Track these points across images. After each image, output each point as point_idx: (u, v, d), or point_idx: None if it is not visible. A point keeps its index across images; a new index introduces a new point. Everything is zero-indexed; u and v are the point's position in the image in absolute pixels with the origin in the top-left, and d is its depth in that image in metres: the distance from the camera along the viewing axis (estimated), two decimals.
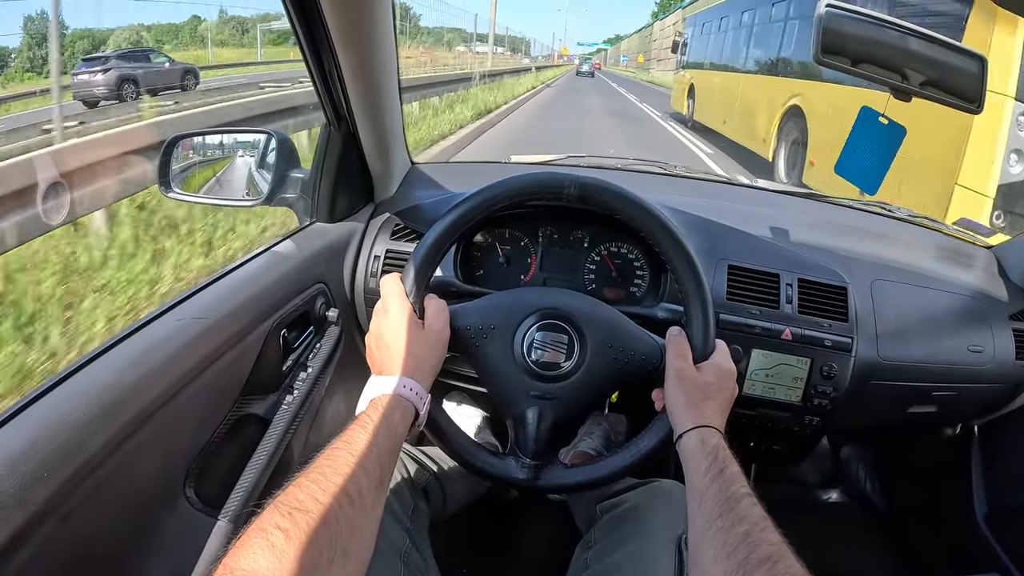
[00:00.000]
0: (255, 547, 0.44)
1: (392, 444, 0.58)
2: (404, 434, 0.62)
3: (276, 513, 0.46)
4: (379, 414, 0.59)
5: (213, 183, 1.03)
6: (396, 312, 0.68)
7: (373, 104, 0.96)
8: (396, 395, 0.62)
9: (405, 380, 0.63)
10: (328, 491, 0.49)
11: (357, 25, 0.82)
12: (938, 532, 1.24)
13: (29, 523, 0.50)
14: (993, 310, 1.02)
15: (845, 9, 0.84)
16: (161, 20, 28.48)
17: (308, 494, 0.48)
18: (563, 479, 0.74)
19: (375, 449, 0.55)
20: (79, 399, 0.58)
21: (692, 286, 0.72)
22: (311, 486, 0.49)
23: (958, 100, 0.88)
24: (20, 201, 2.63)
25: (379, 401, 0.61)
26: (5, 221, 2.57)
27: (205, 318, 0.74)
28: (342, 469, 0.52)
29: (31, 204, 2.65)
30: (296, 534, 0.45)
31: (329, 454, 0.53)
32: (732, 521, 0.54)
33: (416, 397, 0.63)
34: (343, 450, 0.54)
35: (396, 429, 0.60)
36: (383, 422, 0.58)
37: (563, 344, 0.73)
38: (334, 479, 0.50)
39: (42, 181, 2.68)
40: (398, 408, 0.61)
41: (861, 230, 1.16)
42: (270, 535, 0.44)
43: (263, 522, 0.46)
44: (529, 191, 0.75)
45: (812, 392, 0.95)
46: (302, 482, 0.50)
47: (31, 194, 2.66)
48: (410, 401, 0.63)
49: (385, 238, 1.06)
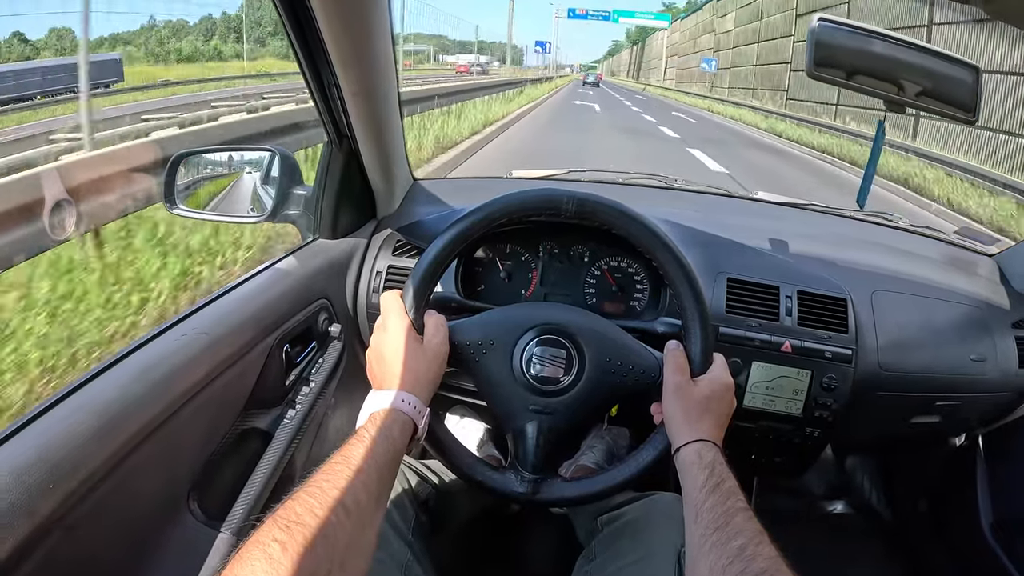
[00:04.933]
0: (253, 560, 0.44)
1: (391, 458, 0.59)
2: (403, 448, 0.62)
3: (274, 527, 0.47)
4: (377, 428, 0.60)
5: (217, 200, 1.05)
6: (395, 328, 0.69)
7: (374, 122, 0.97)
8: (394, 409, 0.63)
9: (403, 394, 0.64)
10: (326, 505, 0.50)
11: (356, 45, 0.84)
12: (944, 542, 1.23)
13: (34, 534, 0.51)
14: (995, 319, 1.01)
15: (838, 23, 0.85)
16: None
17: (306, 508, 0.49)
18: (562, 493, 0.74)
19: (373, 463, 0.56)
20: (84, 413, 0.59)
21: (690, 301, 0.73)
22: (309, 500, 0.50)
23: (953, 110, 0.89)
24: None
25: (378, 415, 0.62)
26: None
27: (208, 333, 0.75)
28: (340, 483, 0.52)
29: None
30: (293, 547, 0.45)
31: (328, 468, 0.54)
32: (728, 535, 0.54)
33: (414, 411, 0.64)
34: (341, 464, 0.54)
35: (395, 443, 0.60)
36: (381, 436, 0.59)
37: (562, 359, 0.74)
38: (332, 493, 0.51)
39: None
40: (396, 422, 0.62)
41: (861, 241, 1.16)
42: (268, 548, 0.45)
43: (261, 535, 0.46)
44: (527, 208, 0.75)
45: (813, 404, 0.95)
46: (300, 496, 0.50)
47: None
48: (408, 415, 0.63)
49: (387, 254, 1.08)
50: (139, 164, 3.07)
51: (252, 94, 12.43)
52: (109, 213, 2.91)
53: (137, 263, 2.89)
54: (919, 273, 1.06)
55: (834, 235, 1.17)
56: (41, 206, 2.48)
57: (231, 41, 29.93)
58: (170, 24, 28.44)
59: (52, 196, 2.55)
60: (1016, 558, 1.04)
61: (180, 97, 13.52)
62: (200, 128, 4.64)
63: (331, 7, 0.76)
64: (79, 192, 2.67)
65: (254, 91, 13.76)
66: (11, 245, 2.36)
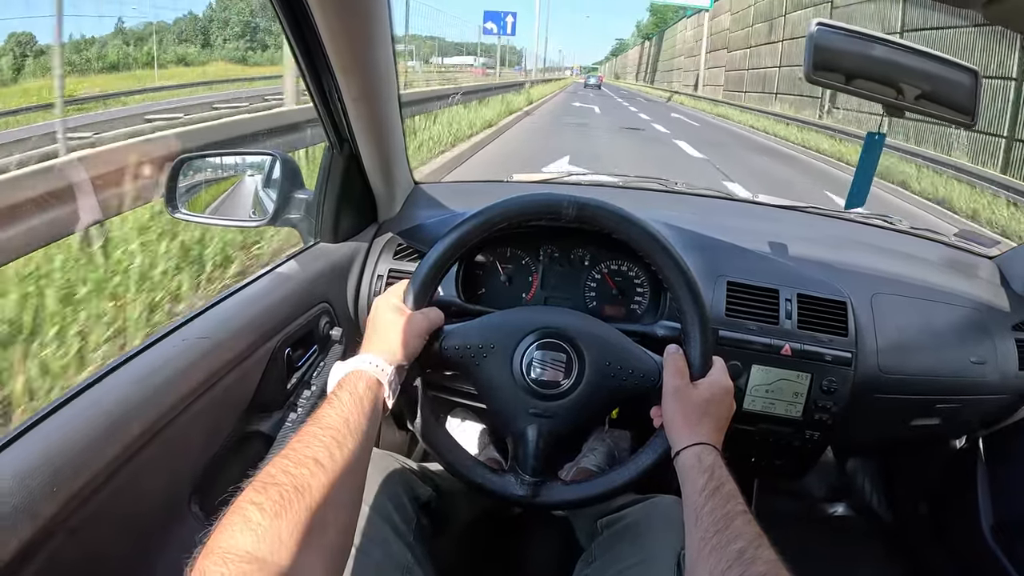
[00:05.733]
0: (232, 525, 0.45)
1: (361, 414, 0.59)
2: (373, 406, 0.62)
3: (251, 490, 0.48)
4: (343, 390, 0.61)
5: (219, 204, 1.06)
6: (382, 303, 0.72)
7: (374, 126, 0.98)
8: (357, 370, 0.64)
9: (367, 356, 0.65)
10: (298, 463, 0.51)
11: (356, 51, 0.84)
12: (945, 544, 1.23)
13: (38, 537, 0.51)
14: (995, 321, 1.02)
15: (836, 27, 0.85)
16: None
17: (279, 468, 0.50)
18: (562, 495, 0.75)
19: (342, 420, 0.57)
20: (87, 417, 0.59)
21: (689, 305, 0.73)
22: (282, 461, 0.51)
23: (952, 114, 0.89)
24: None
25: (344, 380, 0.63)
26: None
27: (210, 338, 0.75)
28: (310, 442, 0.53)
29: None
30: (271, 507, 0.46)
31: (300, 433, 0.55)
32: (728, 539, 0.55)
33: (377, 370, 0.64)
34: (312, 426, 0.56)
35: (362, 400, 0.60)
36: (348, 396, 0.60)
37: (562, 362, 0.74)
38: (303, 451, 0.52)
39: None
40: (360, 380, 0.62)
41: (861, 243, 1.16)
42: (246, 511, 0.46)
43: (240, 501, 0.47)
44: (527, 212, 0.76)
45: (813, 407, 0.95)
46: (275, 460, 0.51)
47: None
48: (371, 374, 0.64)
49: (388, 258, 1.08)
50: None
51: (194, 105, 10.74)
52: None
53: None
54: (919, 276, 1.07)
55: (834, 238, 1.18)
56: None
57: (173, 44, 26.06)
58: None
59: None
60: (1016, 560, 1.04)
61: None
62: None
63: (331, 13, 0.77)
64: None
65: (198, 101, 12.11)
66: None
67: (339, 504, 0.52)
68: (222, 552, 0.43)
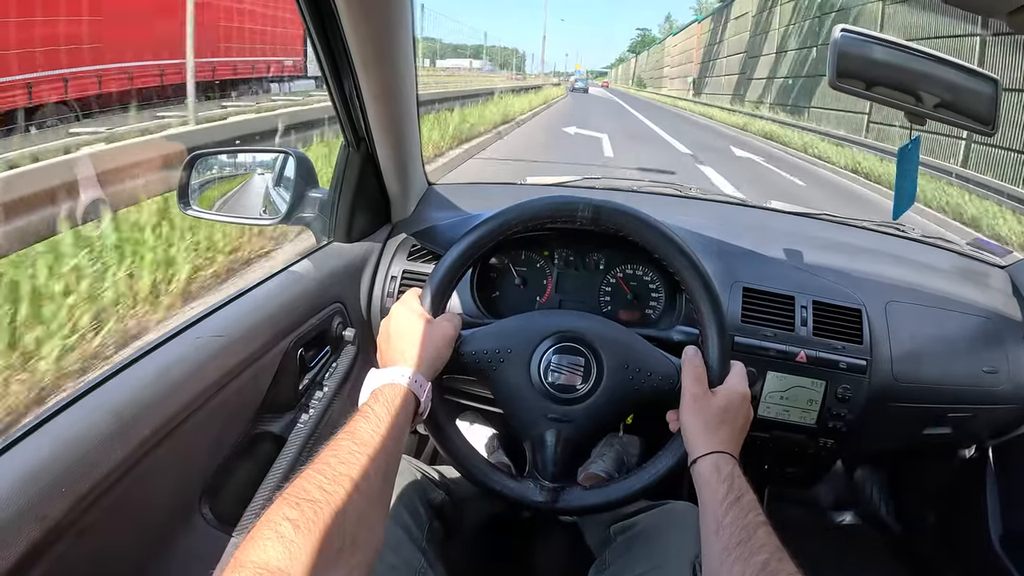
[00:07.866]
0: (265, 539, 0.44)
1: (396, 432, 0.59)
2: (407, 422, 0.62)
3: (284, 505, 0.47)
4: (380, 403, 0.60)
5: (232, 201, 1.05)
6: (404, 311, 0.71)
7: (392, 126, 0.97)
8: (395, 384, 0.63)
9: (404, 369, 0.64)
10: (334, 480, 0.50)
11: (378, 49, 0.84)
12: (953, 554, 1.22)
13: (46, 538, 0.51)
14: (1008, 330, 1.01)
15: (860, 33, 0.85)
16: None
17: (315, 485, 0.49)
18: (582, 501, 0.74)
19: (379, 438, 0.56)
20: (97, 416, 0.58)
21: (708, 309, 0.73)
22: (317, 476, 0.50)
23: (972, 122, 0.89)
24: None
25: (380, 391, 0.62)
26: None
27: (223, 336, 0.75)
28: (347, 459, 0.52)
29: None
30: (305, 524, 0.45)
31: (334, 445, 0.54)
32: (750, 550, 0.54)
33: (416, 385, 0.64)
34: (347, 440, 0.55)
35: (398, 417, 0.60)
36: (384, 411, 0.59)
37: (579, 366, 0.73)
38: (339, 468, 0.51)
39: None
40: (398, 396, 0.62)
41: (875, 251, 1.16)
42: (279, 526, 0.45)
43: (272, 514, 0.46)
44: (543, 215, 0.75)
45: (827, 415, 0.95)
46: (308, 474, 0.50)
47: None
48: (410, 389, 0.63)
49: (402, 259, 1.07)
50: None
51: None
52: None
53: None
54: (932, 284, 1.06)
55: (847, 245, 1.17)
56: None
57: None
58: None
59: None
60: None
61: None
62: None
63: (356, 9, 0.76)
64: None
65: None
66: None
67: (371, 524, 0.52)
68: (253, 566, 0.43)
